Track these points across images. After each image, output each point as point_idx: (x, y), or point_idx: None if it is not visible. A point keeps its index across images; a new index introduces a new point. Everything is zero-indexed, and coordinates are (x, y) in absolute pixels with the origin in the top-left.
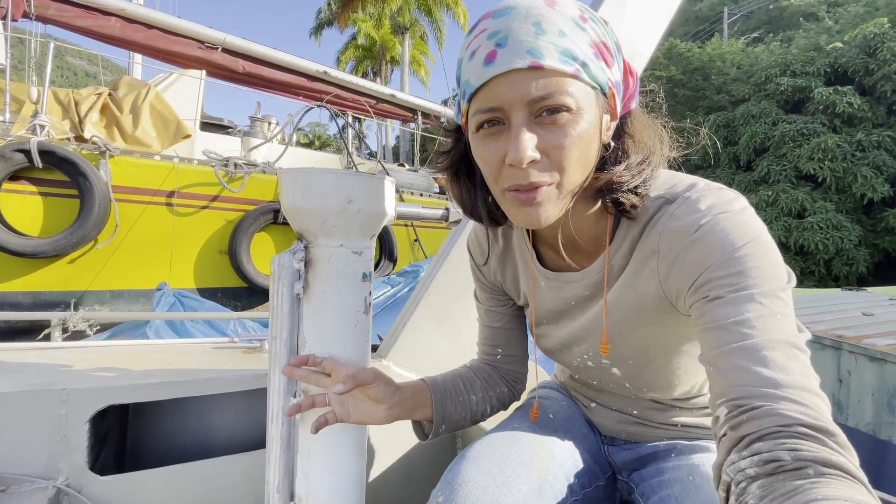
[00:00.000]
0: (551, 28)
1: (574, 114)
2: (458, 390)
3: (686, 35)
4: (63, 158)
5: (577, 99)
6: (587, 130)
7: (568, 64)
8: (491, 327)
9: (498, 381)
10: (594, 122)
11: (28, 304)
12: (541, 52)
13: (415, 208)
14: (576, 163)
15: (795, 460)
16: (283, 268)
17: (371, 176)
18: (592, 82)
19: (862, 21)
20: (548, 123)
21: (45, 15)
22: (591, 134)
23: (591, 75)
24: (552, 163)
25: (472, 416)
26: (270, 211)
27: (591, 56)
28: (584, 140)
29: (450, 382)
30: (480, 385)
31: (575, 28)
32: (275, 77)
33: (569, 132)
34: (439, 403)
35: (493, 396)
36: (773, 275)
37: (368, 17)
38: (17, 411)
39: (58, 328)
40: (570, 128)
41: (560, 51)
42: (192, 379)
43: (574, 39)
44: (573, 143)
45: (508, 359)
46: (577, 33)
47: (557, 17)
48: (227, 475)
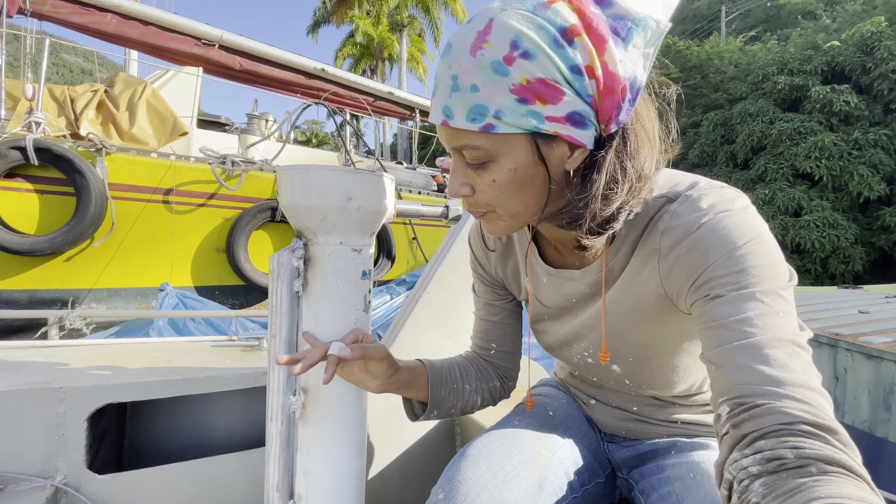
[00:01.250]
0: (465, 83)
1: (493, 160)
2: (454, 377)
3: (684, 33)
4: (59, 156)
5: (488, 149)
6: (512, 174)
7: (476, 121)
8: (488, 321)
9: (491, 375)
10: (525, 164)
11: (24, 303)
12: (451, 111)
13: (414, 206)
14: (504, 202)
15: (798, 458)
16: (282, 265)
17: (371, 173)
18: (513, 130)
19: (859, 19)
20: (475, 166)
21: (40, 11)
22: (519, 176)
23: (510, 123)
24: (481, 199)
25: (462, 404)
26: (268, 209)
27: (510, 103)
28: (508, 183)
29: (446, 368)
30: (475, 375)
31: (491, 77)
32: (272, 74)
33: (491, 176)
34: (435, 387)
35: (486, 389)
36: (774, 273)
37: (366, 14)
38: (14, 410)
39: (55, 326)
40: (493, 172)
41: (468, 109)
42: (190, 377)
43: (486, 92)
44: (496, 186)
45: (502, 355)
46: (493, 82)
47: (474, 68)
48: (225, 474)
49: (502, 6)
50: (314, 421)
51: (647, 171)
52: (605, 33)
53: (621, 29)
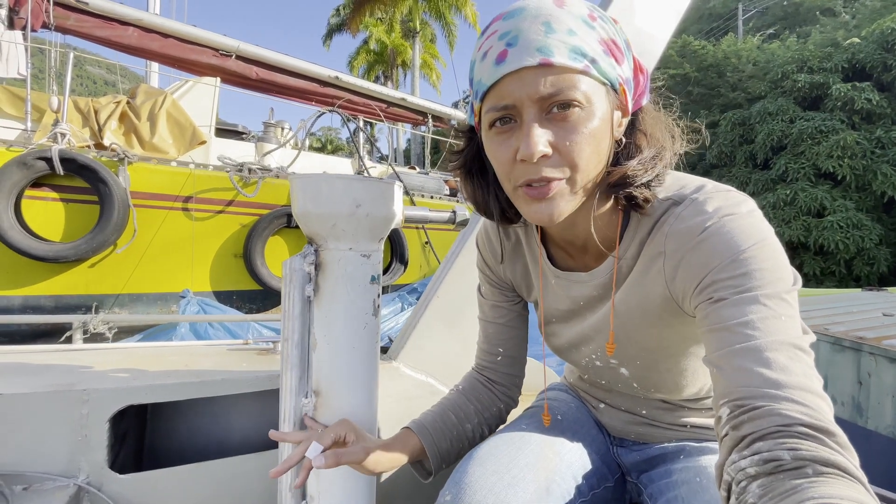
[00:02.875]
0: (560, 27)
1: (585, 109)
2: (451, 424)
3: (700, 32)
4: (83, 165)
5: (587, 95)
6: (598, 126)
7: (577, 60)
8: (495, 324)
9: (493, 401)
10: (605, 118)
11: (50, 308)
12: (550, 50)
13: (421, 212)
14: (588, 158)
15: (795, 459)
16: (294, 271)
17: (379, 180)
18: (602, 78)
19: (879, 16)
20: (559, 119)
21: (64, 25)
22: (602, 129)
23: (601, 71)
24: (563, 158)
25: (469, 443)
26: (284, 215)
27: (601, 53)
28: (595, 135)
29: (439, 420)
30: (474, 410)
31: (584, 26)
32: (287, 83)
33: (580, 128)
34: (432, 447)
35: (490, 417)
36: (778, 277)
37: (379, 21)
38: (39, 411)
39: (79, 330)
40: (581, 123)
41: (569, 48)
42: (207, 380)
43: (583, 37)
44: (584, 139)
45: (508, 361)
46: (587, 31)
47: (566, 16)
48: (241, 474)
49: None
50: (325, 422)
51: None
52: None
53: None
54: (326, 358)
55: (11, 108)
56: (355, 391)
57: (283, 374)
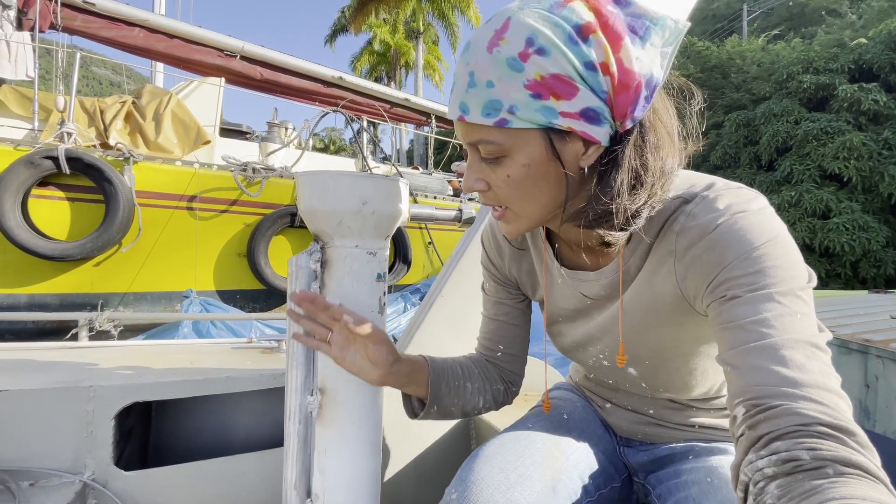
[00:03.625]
0: (481, 79)
1: (510, 156)
2: (455, 375)
3: (704, 33)
4: (89, 165)
5: (503, 144)
6: (526, 170)
7: (490, 116)
8: (497, 321)
9: (495, 378)
10: (539, 160)
11: (56, 306)
12: (466, 106)
13: (428, 209)
14: (519, 199)
15: (814, 459)
16: (300, 268)
17: (385, 178)
18: (527, 125)
19: (886, 16)
20: (489, 162)
21: (71, 26)
22: (533, 172)
23: (524, 119)
24: (497, 196)
25: (463, 404)
26: (287, 214)
27: (524, 99)
28: (522, 179)
29: (448, 365)
30: (478, 375)
31: (506, 73)
32: (291, 83)
33: (504, 174)
34: (435, 382)
35: (488, 391)
36: (792, 274)
37: (382, 22)
38: (46, 408)
39: (84, 328)
40: (507, 169)
41: (483, 104)
42: (212, 378)
43: (501, 87)
44: (508, 184)
45: (508, 358)
46: (508, 78)
47: (490, 64)
48: (245, 472)
49: (520, 6)
50: (330, 421)
51: (668, 167)
52: (621, 31)
53: (639, 27)
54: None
55: (19, 108)
56: (361, 389)
57: (288, 372)
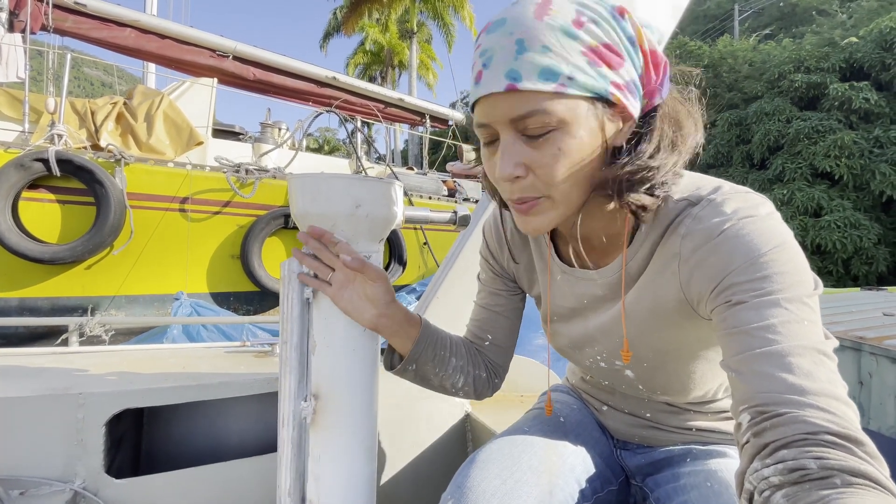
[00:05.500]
0: (533, 44)
1: (561, 129)
2: (443, 345)
3: (696, 34)
4: (80, 167)
5: (561, 116)
6: (578, 143)
7: (547, 82)
8: (489, 310)
9: (480, 363)
10: (590, 132)
11: (46, 310)
12: (518, 73)
13: (423, 212)
14: (565, 179)
15: (822, 469)
16: (293, 272)
17: (379, 180)
18: (584, 93)
19: (877, 15)
20: (535, 140)
21: (62, 27)
22: (584, 146)
23: (582, 85)
24: (539, 179)
25: (443, 376)
26: (281, 216)
27: (583, 65)
28: (573, 155)
29: (439, 335)
30: (465, 354)
31: (563, 38)
32: (285, 83)
33: (555, 149)
34: (422, 341)
35: (470, 373)
36: (798, 280)
37: (375, 22)
38: (35, 415)
39: (75, 333)
40: (557, 144)
41: (540, 70)
42: (204, 383)
43: (560, 52)
44: (558, 161)
45: (494, 349)
46: (566, 43)
47: (544, 29)
48: (239, 478)
49: None
50: (325, 426)
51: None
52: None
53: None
54: (326, 361)
55: (9, 110)
56: (355, 394)
57: (281, 377)
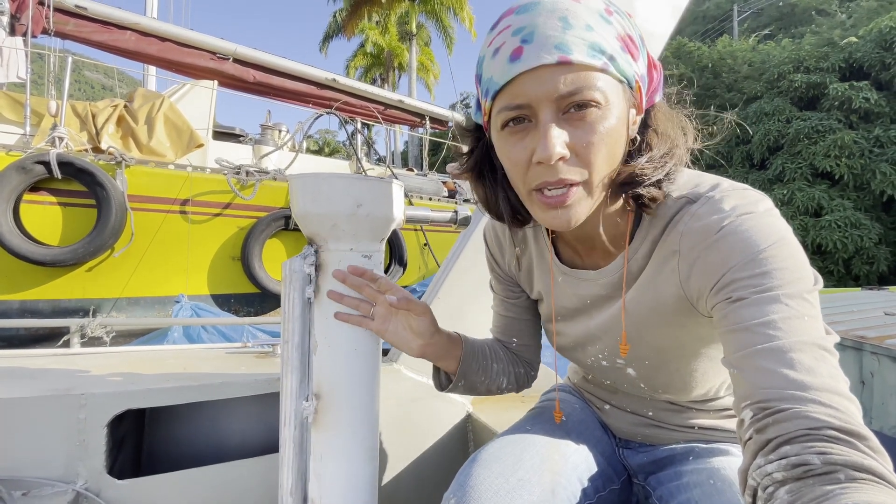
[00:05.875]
0: (578, 22)
1: (602, 109)
2: (484, 354)
3: (695, 34)
4: (81, 169)
5: (605, 93)
6: (615, 125)
7: (596, 58)
8: (507, 317)
9: (517, 361)
10: (622, 117)
11: (48, 312)
12: (569, 47)
13: (423, 211)
14: (604, 159)
15: (825, 464)
16: (294, 272)
17: (379, 180)
18: (620, 76)
19: (876, 15)
20: (576, 119)
21: (63, 31)
22: (618, 129)
23: (619, 69)
24: (581, 159)
25: (488, 382)
26: (282, 217)
27: (619, 49)
28: (612, 135)
29: (478, 344)
30: (503, 357)
31: (601, 21)
32: (285, 85)
33: (597, 128)
34: (466, 358)
35: (511, 373)
36: (798, 276)
37: (375, 24)
38: (37, 416)
39: (76, 335)
40: (599, 123)
41: (588, 45)
42: (206, 383)
43: (601, 33)
44: (601, 139)
45: (524, 348)
46: (604, 26)
47: (583, 10)
48: (241, 479)
49: None
50: (326, 426)
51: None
52: None
53: None
54: (327, 360)
55: (10, 113)
56: (357, 394)
57: (283, 377)
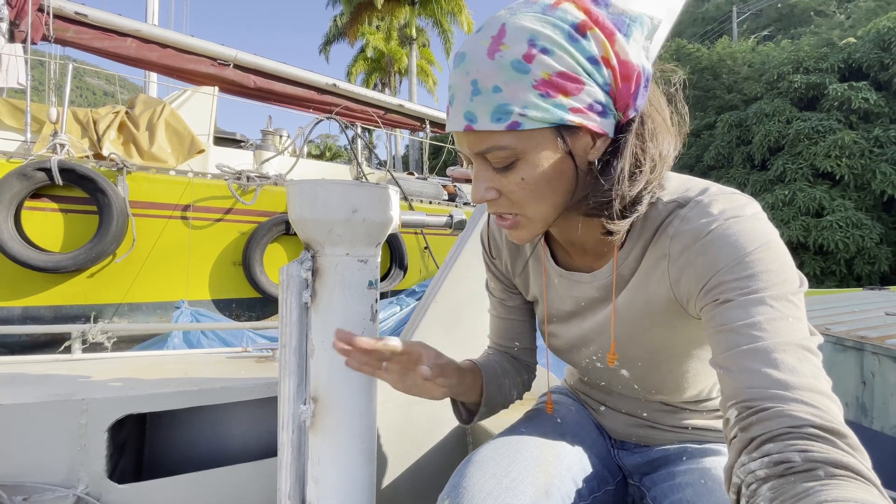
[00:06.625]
0: (486, 84)
1: (523, 159)
2: (496, 373)
3: (694, 36)
4: (82, 176)
5: (516, 148)
6: (541, 171)
7: (501, 121)
8: (507, 319)
9: (520, 369)
10: (551, 159)
11: (50, 318)
12: (474, 115)
13: (419, 216)
14: (533, 201)
15: (806, 461)
16: (291, 277)
17: (375, 186)
18: (539, 125)
19: (875, 15)
20: (500, 168)
21: (63, 37)
22: (547, 172)
23: (536, 119)
24: (510, 201)
25: (503, 400)
26: (282, 222)
27: (534, 99)
28: (537, 181)
29: (491, 367)
30: (510, 369)
31: (514, 75)
32: (285, 91)
33: (519, 176)
34: (488, 386)
35: (519, 383)
36: (784, 278)
37: (376, 29)
38: (39, 421)
39: (78, 340)
40: (521, 172)
41: (492, 110)
42: (206, 388)
43: (510, 90)
44: (525, 186)
45: (524, 351)
46: (516, 81)
47: (494, 69)
48: (241, 483)
49: (511, 12)
50: (323, 429)
51: (665, 152)
52: (611, 26)
53: (621, 25)
54: (324, 364)
55: (11, 120)
56: (354, 397)
57: (281, 381)
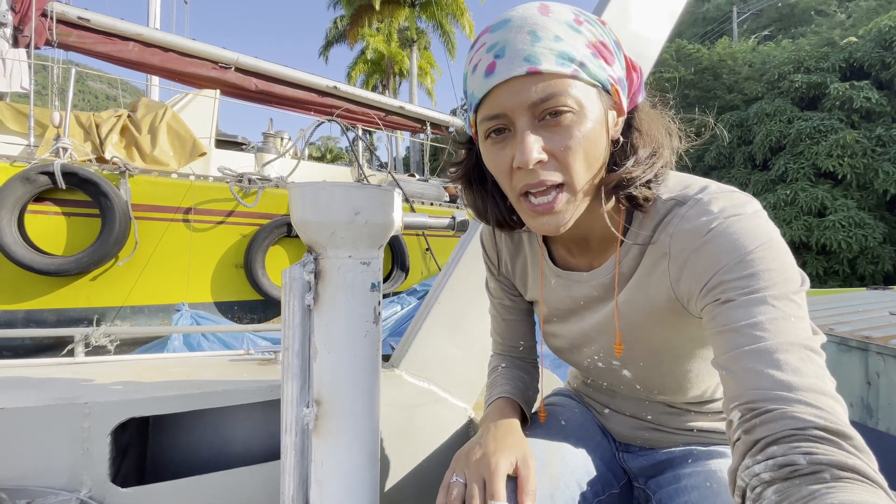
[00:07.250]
0: (546, 34)
1: (576, 113)
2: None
3: (694, 36)
4: (85, 179)
5: (577, 99)
6: (592, 128)
7: (565, 66)
8: (508, 320)
9: (530, 370)
10: (599, 120)
11: (53, 321)
12: (537, 58)
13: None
14: (583, 161)
15: (811, 464)
16: (293, 280)
17: (377, 188)
18: (592, 80)
19: (875, 14)
20: (552, 125)
21: (66, 42)
22: (596, 131)
23: (591, 74)
24: (559, 163)
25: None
26: (284, 224)
27: (589, 56)
28: (589, 138)
29: (520, 386)
30: (527, 379)
31: (570, 31)
32: (286, 94)
33: (573, 132)
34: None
35: (532, 386)
36: (785, 277)
37: (376, 31)
38: (41, 425)
39: (80, 343)
40: (574, 128)
41: (556, 54)
42: (208, 391)
43: (570, 42)
44: (578, 143)
45: (529, 349)
46: (573, 35)
47: (552, 23)
48: (244, 486)
49: None
50: (327, 432)
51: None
52: None
53: None
54: (327, 367)
55: (14, 124)
56: (357, 400)
57: (283, 384)
